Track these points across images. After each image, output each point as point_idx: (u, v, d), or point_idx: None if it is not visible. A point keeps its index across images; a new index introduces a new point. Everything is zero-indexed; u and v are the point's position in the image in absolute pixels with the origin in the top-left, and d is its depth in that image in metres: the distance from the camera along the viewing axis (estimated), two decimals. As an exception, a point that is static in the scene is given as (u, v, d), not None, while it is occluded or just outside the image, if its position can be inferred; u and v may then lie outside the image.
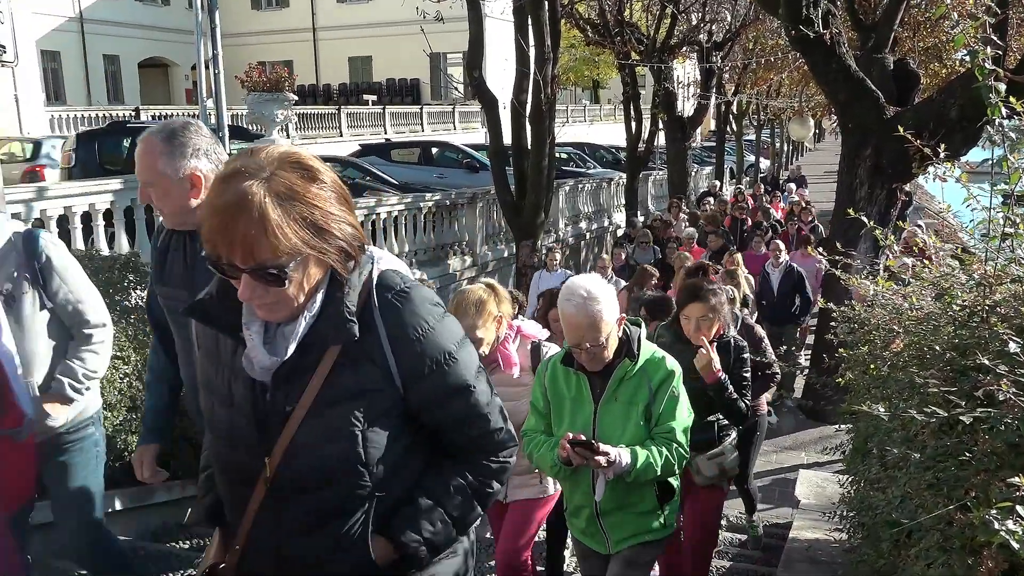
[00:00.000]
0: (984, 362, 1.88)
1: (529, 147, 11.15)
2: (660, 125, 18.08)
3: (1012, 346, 1.91)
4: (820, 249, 4.81)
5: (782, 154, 38.05)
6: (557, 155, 12.93)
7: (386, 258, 1.70)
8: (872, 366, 3.28)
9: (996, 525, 1.43)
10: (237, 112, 19.88)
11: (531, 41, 10.74)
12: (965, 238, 3.57)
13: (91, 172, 11.62)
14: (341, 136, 26.71)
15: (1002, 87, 2.26)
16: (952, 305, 2.51)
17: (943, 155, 2.86)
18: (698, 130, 20.17)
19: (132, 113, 22.35)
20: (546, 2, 10.74)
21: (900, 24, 10.02)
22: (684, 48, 18.42)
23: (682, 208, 15.08)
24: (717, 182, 22.19)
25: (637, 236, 11.88)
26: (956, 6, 11.70)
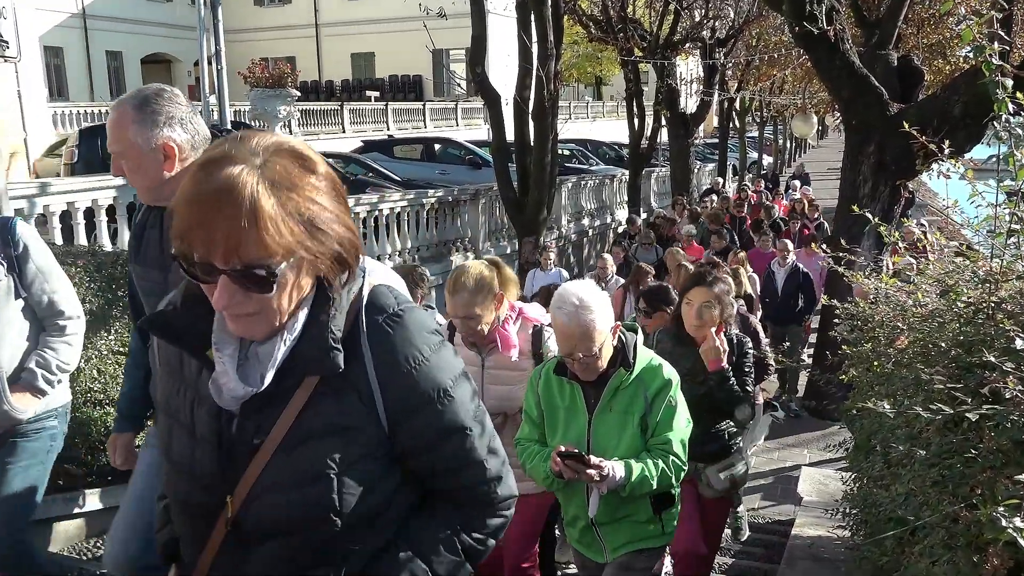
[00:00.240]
0: (990, 359, 1.87)
1: (532, 144, 11.14)
2: (663, 122, 18.03)
3: (1018, 343, 1.91)
4: (824, 246, 4.78)
5: (785, 151, 38.02)
6: (560, 152, 12.91)
7: (378, 271, 1.50)
8: (876, 363, 3.28)
9: (1003, 522, 1.43)
10: (240, 108, 19.91)
11: (534, 37, 10.72)
12: (970, 235, 3.56)
13: (94, 168, 11.65)
14: (344, 132, 26.70)
15: (1009, 83, 2.25)
16: (957, 302, 2.50)
17: (947, 152, 2.85)
18: (701, 127, 20.12)
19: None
20: (549, -2, 10.73)
21: (904, 20, 10.01)
22: (687, 44, 18.38)
23: (686, 206, 15.07)
24: (720, 179, 22.16)
25: (639, 235, 11.86)
26: (962, 2, 11.68)
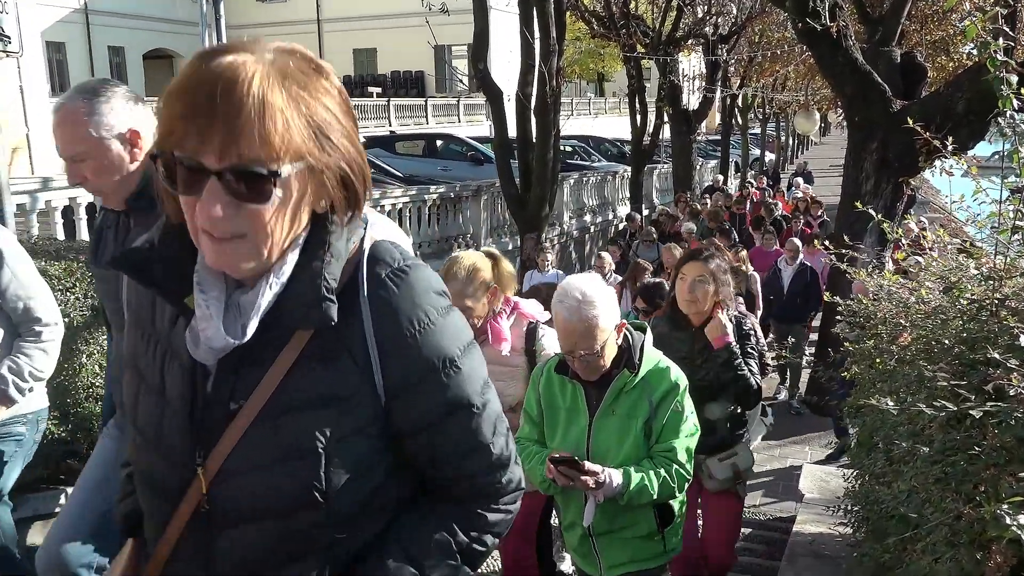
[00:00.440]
0: (994, 356, 1.87)
1: (534, 140, 11.13)
2: (665, 118, 18.03)
3: (1022, 339, 1.90)
4: (827, 243, 4.77)
5: (787, 148, 37.96)
6: (562, 148, 12.89)
7: (382, 224, 1.30)
8: (878, 360, 3.27)
9: (1007, 520, 1.42)
10: (242, 104, 19.87)
11: (536, 33, 10.70)
12: (973, 232, 3.55)
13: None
14: (345, 128, 26.69)
15: (1013, 79, 2.24)
16: (961, 298, 2.50)
17: (951, 149, 2.84)
18: (703, 123, 20.11)
19: (137, 105, 22.35)
20: (551, -6, 10.71)
21: (907, 17, 9.97)
22: (690, 41, 18.36)
23: (688, 203, 15.06)
24: (720, 176, 22.15)
25: (641, 233, 11.85)
26: (965, -1, 11.64)
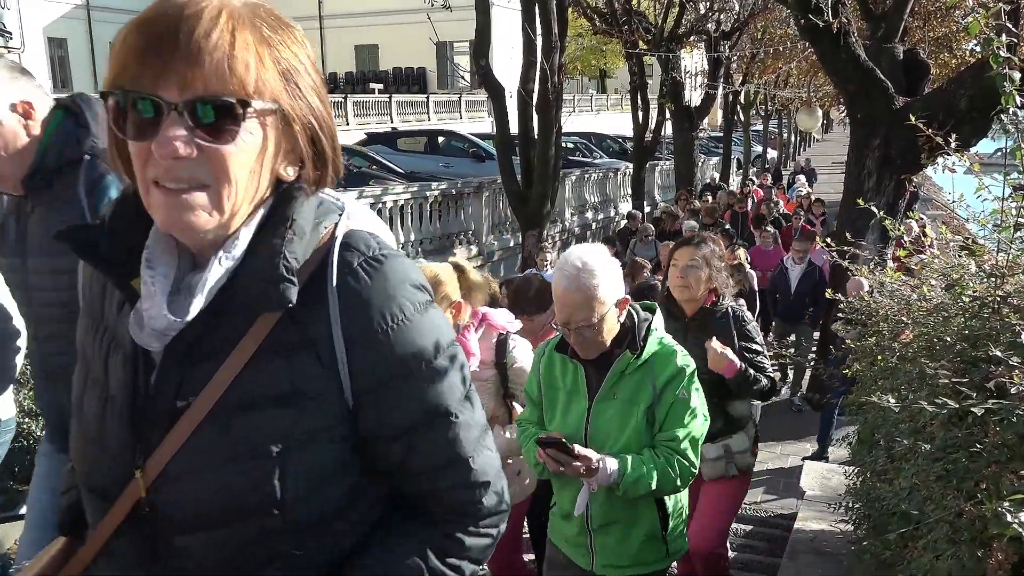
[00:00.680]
0: (996, 353, 1.86)
1: (536, 136, 11.13)
2: (667, 115, 18.01)
3: (1024, 337, 1.90)
4: (828, 240, 4.75)
5: (790, 144, 37.91)
6: (564, 145, 12.90)
7: (360, 214, 1.18)
8: (880, 357, 3.27)
9: (1008, 517, 1.42)
10: (243, 100, 19.84)
11: (538, 30, 10.70)
12: (975, 229, 3.54)
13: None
14: (347, 125, 26.67)
15: (1016, 76, 2.23)
16: (963, 296, 2.49)
17: (953, 146, 2.84)
18: (705, 120, 20.08)
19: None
20: (553, -10, 10.71)
21: (910, 14, 9.95)
22: (692, 37, 18.32)
23: (690, 200, 15.03)
24: (716, 174, 22.11)
25: (639, 230, 11.86)
26: (968, -5, 11.61)
